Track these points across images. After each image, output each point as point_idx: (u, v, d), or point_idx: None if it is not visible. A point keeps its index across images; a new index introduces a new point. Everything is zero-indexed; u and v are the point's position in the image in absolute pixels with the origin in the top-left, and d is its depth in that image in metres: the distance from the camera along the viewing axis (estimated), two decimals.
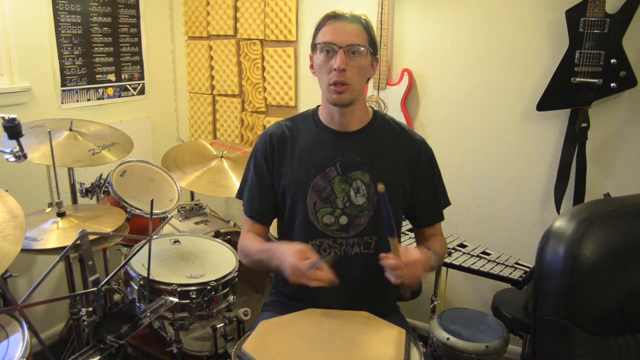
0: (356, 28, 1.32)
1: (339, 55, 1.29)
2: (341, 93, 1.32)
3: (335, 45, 1.30)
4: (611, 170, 2.16)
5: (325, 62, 1.32)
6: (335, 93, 1.32)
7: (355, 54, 1.31)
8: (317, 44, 1.34)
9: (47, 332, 2.55)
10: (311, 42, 1.38)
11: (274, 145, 1.44)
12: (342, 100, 1.34)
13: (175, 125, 3.30)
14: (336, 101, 1.34)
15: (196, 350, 2.22)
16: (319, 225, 1.40)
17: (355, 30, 1.31)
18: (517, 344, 2.15)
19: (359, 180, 1.39)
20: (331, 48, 1.30)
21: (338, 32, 1.31)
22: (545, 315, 0.95)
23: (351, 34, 1.31)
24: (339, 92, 1.32)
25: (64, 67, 2.52)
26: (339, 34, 1.30)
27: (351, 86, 1.32)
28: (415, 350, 1.20)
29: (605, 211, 0.97)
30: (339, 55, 1.29)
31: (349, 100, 1.34)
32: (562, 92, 2.08)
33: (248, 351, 1.13)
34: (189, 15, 3.04)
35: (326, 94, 1.36)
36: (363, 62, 1.33)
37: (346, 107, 1.36)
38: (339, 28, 1.31)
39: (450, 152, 2.44)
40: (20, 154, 1.56)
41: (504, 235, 2.40)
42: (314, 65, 1.38)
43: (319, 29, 1.35)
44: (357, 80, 1.33)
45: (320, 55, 1.33)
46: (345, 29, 1.31)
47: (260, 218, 1.50)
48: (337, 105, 1.36)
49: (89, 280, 1.26)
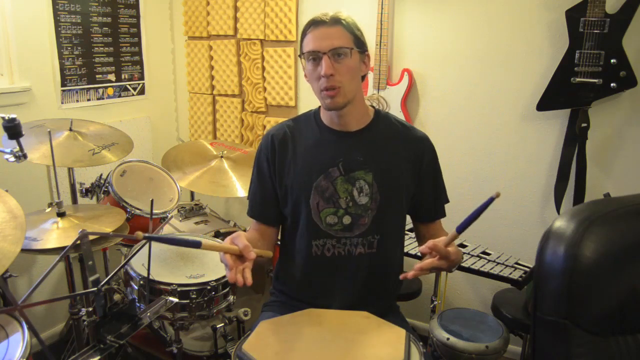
0: (337, 31, 1.32)
1: (324, 61, 1.29)
2: (333, 97, 1.33)
3: (318, 52, 1.31)
4: (611, 170, 2.16)
5: (313, 70, 1.33)
6: (328, 98, 1.33)
7: (341, 56, 1.31)
8: (302, 53, 1.36)
9: (47, 332, 2.55)
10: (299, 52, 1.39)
11: (276, 147, 1.44)
12: (336, 105, 1.34)
13: (175, 125, 3.30)
14: (330, 106, 1.35)
15: (196, 350, 2.22)
16: (322, 225, 1.40)
17: (336, 34, 1.32)
18: (517, 344, 2.15)
19: (362, 180, 1.39)
20: (316, 55, 1.31)
21: (319, 38, 1.31)
22: (545, 315, 0.95)
23: (333, 37, 1.31)
24: (331, 97, 1.33)
25: (64, 67, 2.52)
26: (321, 40, 1.31)
27: (342, 89, 1.32)
28: (415, 350, 1.20)
29: (605, 211, 0.97)
30: (324, 61, 1.29)
31: (342, 103, 1.35)
32: (562, 92, 2.08)
33: (248, 351, 1.13)
34: (189, 15, 3.04)
35: (320, 100, 1.38)
36: (350, 63, 1.33)
37: (342, 109, 1.37)
38: (320, 34, 1.32)
39: (450, 152, 2.44)
40: (20, 154, 1.56)
41: (504, 235, 2.40)
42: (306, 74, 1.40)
43: (303, 39, 1.36)
44: (348, 82, 1.34)
45: (308, 64, 1.35)
46: (327, 33, 1.31)
47: (263, 219, 1.50)
48: (332, 109, 1.37)
49: (89, 280, 1.26)
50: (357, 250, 1.41)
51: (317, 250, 1.41)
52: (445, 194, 1.53)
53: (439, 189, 1.50)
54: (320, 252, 1.41)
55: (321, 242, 1.41)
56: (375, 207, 1.40)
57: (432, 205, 1.49)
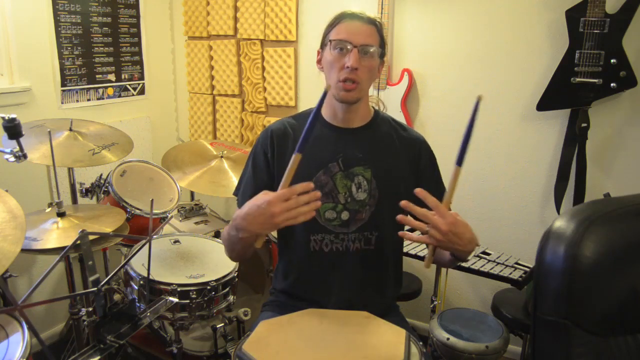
0: (370, 29, 1.35)
1: (353, 54, 1.31)
2: (350, 91, 1.34)
3: (350, 43, 1.32)
4: (611, 170, 2.16)
5: (337, 59, 1.34)
6: (344, 90, 1.34)
7: (368, 54, 1.33)
8: (331, 40, 1.36)
9: (47, 332, 2.55)
10: (322, 38, 1.40)
11: (275, 142, 1.44)
12: (350, 98, 1.36)
13: (175, 125, 3.30)
14: (344, 98, 1.36)
15: (196, 350, 2.22)
16: (321, 220, 1.41)
17: (369, 31, 1.34)
18: (517, 344, 2.15)
19: (361, 176, 1.40)
20: (345, 46, 1.33)
21: (353, 31, 1.33)
22: (545, 315, 0.95)
23: (366, 34, 1.33)
24: (347, 90, 1.34)
25: (64, 67, 2.52)
26: (355, 34, 1.33)
27: (360, 85, 1.35)
28: (415, 350, 1.20)
29: (605, 211, 0.96)
30: (353, 54, 1.31)
31: (356, 98, 1.37)
32: (562, 92, 2.08)
33: (248, 351, 1.13)
34: (189, 15, 3.04)
35: (334, 90, 1.38)
36: (374, 62, 1.36)
37: (352, 104, 1.39)
38: (354, 27, 1.34)
39: (450, 152, 2.41)
40: (20, 154, 1.56)
41: (504, 235, 2.40)
42: (323, 60, 1.40)
43: (334, 26, 1.37)
44: (366, 80, 1.36)
45: (333, 52, 1.35)
46: (361, 29, 1.34)
47: None
48: (344, 102, 1.38)
49: (89, 280, 1.26)
50: (353, 246, 1.41)
51: (315, 245, 1.42)
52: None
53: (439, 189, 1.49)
54: (318, 247, 1.42)
55: (319, 237, 1.41)
56: (373, 203, 1.40)
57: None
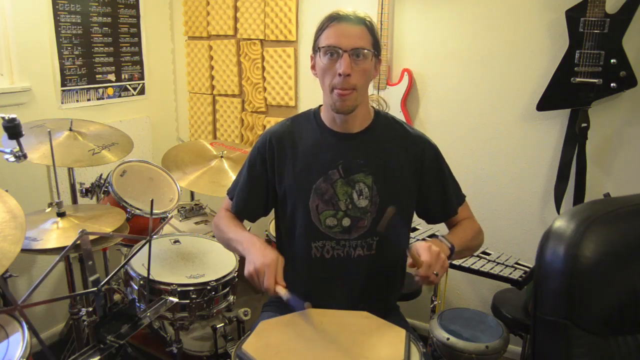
0: (360, 30, 1.27)
1: (344, 60, 1.24)
2: (345, 99, 1.29)
3: (339, 49, 1.25)
4: (611, 170, 2.16)
5: (329, 66, 1.28)
6: (339, 99, 1.29)
7: (360, 57, 1.27)
8: (320, 47, 1.30)
9: (47, 332, 2.55)
10: (313, 44, 1.34)
11: (274, 146, 1.42)
12: (346, 108, 1.31)
13: (175, 125, 3.30)
14: (340, 108, 1.31)
15: (196, 350, 2.22)
16: (321, 227, 1.39)
17: (359, 33, 1.27)
18: (517, 344, 2.15)
19: (362, 183, 1.38)
20: (335, 51, 1.26)
21: (342, 34, 1.26)
22: (545, 315, 0.95)
23: (356, 36, 1.26)
24: (343, 98, 1.28)
25: (64, 67, 2.52)
26: (343, 37, 1.25)
27: (355, 91, 1.29)
28: (415, 350, 1.20)
29: (605, 211, 0.97)
30: (344, 60, 1.24)
31: (352, 107, 1.31)
32: (562, 92, 2.08)
33: (248, 351, 1.13)
34: (189, 15, 3.04)
35: (329, 99, 1.33)
36: (368, 65, 1.29)
37: (349, 114, 1.33)
38: (343, 30, 1.26)
39: (451, 152, 2.42)
40: (20, 154, 1.55)
41: (504, 235, 2.40)
42: (316, 67, 1.34)
43: (322, 30, 1.30)
44: (362, 85, 1.31)
45: (323, 59, 1.29)
46: (350, 31, 1.26)
47: (243, 216, 1.51)
48: (339, 112, 1.33)
49: (89, 280, 1.26)
50: (356, 252, 1.40)
51: (316, 252, 1.40)
52: (456, 192, 1.49)
53: (447, 188, 1.46)
54: (319, 254, 1.40)
55: (320, 244, 1.40)
56: (374, 210, 1.38)
57: (440, 205, 1.46)
